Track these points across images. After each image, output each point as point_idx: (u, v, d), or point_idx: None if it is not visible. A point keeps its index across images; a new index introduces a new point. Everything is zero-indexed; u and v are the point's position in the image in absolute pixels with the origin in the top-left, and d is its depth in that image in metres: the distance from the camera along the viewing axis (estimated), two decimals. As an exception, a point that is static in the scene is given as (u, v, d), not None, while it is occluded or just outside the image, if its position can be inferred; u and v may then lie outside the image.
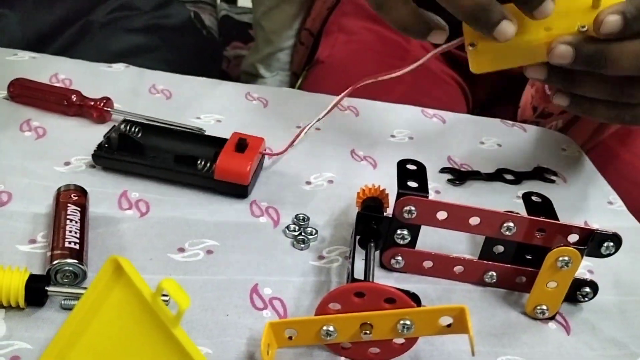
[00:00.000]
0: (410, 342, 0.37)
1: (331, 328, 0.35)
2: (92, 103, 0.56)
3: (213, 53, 1.01)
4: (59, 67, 0.63)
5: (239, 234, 0.46)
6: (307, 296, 0.42)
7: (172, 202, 0.48)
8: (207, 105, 0.62)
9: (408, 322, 0.34)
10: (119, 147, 0.51)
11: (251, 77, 1.00)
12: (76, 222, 0.43)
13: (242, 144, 0.50)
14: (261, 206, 0.49)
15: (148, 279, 0.30)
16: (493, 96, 0.84)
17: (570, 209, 0.55)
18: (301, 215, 0.48)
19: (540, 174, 0.60)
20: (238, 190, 0.49)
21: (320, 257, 0.45)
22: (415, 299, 0.35)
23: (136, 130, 0.52)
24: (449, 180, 0.57)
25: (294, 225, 0.47)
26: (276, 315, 0.40)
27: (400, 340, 0.36)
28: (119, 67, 0.65)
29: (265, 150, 0.52)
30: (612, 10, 0.39)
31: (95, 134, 0.55)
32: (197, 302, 0.40)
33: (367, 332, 0.35)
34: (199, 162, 0.49)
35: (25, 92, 0.58)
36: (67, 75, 0.62)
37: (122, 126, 0.52)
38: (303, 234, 0.47)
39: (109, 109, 0.56)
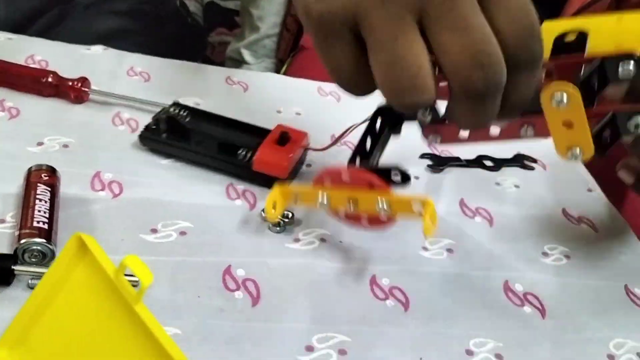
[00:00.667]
0: (392, 219, 0.41)
1: (325, 200, 0.41)
2: (70, 83, 0.55)
3: (197, 41, 1.00)
4: (36, 49, 0.62)
5: (214, 216, 0.45)
6: (281, 278, 0.41)
7: (146, 183, 0.47)
8: (186, 89, 0.60)
9: (385, 204, 0.39)
10: (166, 130, 0.50)
11: (236, 63, 0.98)
12: (46, 201, 0.42)
13: (284, 137, 0.49)
14: (238, 189, 0.48)
15: (119, 259, 0.29)
16: None
17: (549, 196, 0.55)
18: (278, 199, 0.48)
19: (520, 160, 0.59)
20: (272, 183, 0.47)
21: (296, 240, 0.45)
22: (405, 177, 0.39)
23: (185, 114, 0.51)
24: (428, 165, 0.56)
25: (270, 209, 0.47)
26: (249, 296, 0.39)
27: (384, 217, 0.41)
28: (98, 49, 0.64)
29: (308, 145, 0.51)
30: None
31: (71, 115, 0.54)
32: (169, 284, 0.39)
33: (354, 205, 0.41)
34: (239, 151, 0.49)
35: None
36: (44, 57, 0.61)
37: (172, 109, 0.51)
38: (279, 217, 0.46)
39: (87, 89, 0.55)
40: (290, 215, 0.46)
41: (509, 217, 0.51)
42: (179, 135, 0.50)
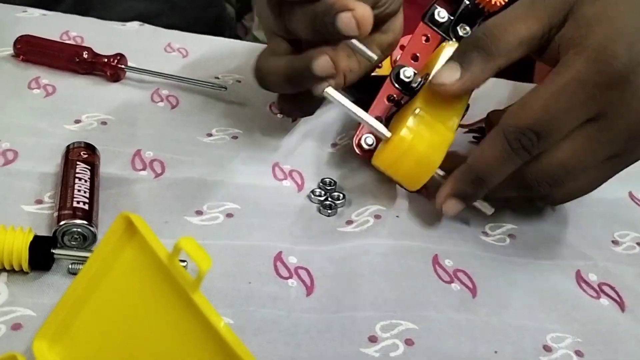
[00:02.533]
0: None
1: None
2: (105, 60, 0.52)
3: (227, 23, 0.95)
4: (71, 25, 0.58)
5: (261, 197, 0.42)
6: (336, 264, 0.37)
7: (189, 162, 0.44)
8: (226, 65, 0.57)
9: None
10: None
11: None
12: (86, 180, 0.38)
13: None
14: (284, 169, 0.45)
15: (164, 243, 0.26)
16: None
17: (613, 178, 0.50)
18: (327, 180, 0.44)
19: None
20: None
21: (349, 222, 0.41)
22: None
23: None
24: (474, 137, 0.51)
25: (319, 190, 0.43)
26: (302, 285, 0.36)
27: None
28: (133, 25, 0.61)
29: None
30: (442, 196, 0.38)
31: (109, 92, 0.50)
32: (217, 269, 0.35)
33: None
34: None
35: (33, 49, 0.53)
36: (79, 33, 0.57)
37: None
38: (330, 199, 0.42)
39: (123, 66, 0.52)
40: (340, 196, 0.42)
41: (573, 201, 0.46)
42: None
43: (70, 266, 0.34)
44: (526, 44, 0.34)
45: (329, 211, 0.41)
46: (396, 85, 0.43)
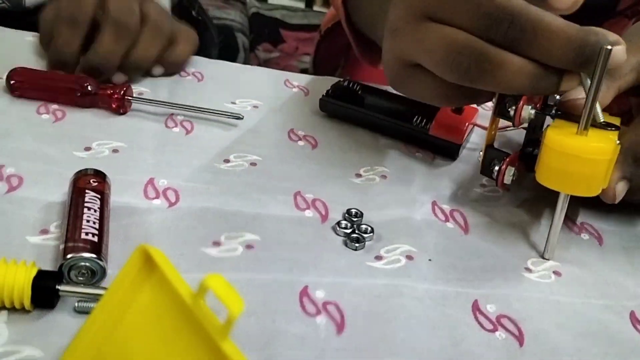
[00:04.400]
0: None
1: None
2: (110, 92, 0.47)
3: (204, 37, 0.88)
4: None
5: (283, 228, 0.38)
6: (367, 301, 0.33)
7: (204, 190, 0.40)
8: (243, 90, 0.53)
9: None
10: (342, 98, 0.51)
11: None
12: (95, 210, 0.34)
13: (459, 108, 0.48)
14: (306, 198, 0.41)
15: (183, 278, 0.22)
16: None
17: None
18: (353, 211, 0.40)
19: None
20: (450, 149, 0.48)
21: (378, 258, 0.37)
22: None
23: (357, 88, 0.52)
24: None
25: (345, 222, 0.39)
26: (332, 322, 0.31)
27: None
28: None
29: (476, 122, 0.49)
30: (614, 181, 0.37)
31: (120, 118, 0.47)
32: (237, 306, 0.31)
33: None
34: (415, 118, 0.49)
35: (28, 84, 0.47)
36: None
37: (345, 83, 0.52)
38: (357, 231, 0.38)
39: (130, 97, 0.48)
40: (369, 229, 0.38)
41: (619, 235, 0.42)
42: (355, 102, 0.51)
43: (76, 304, 0.30)
44: (636, 69, 0.37)
45: (357, 244, 0.37)
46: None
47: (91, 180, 0.37)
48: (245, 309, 0.31)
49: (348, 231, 0.38)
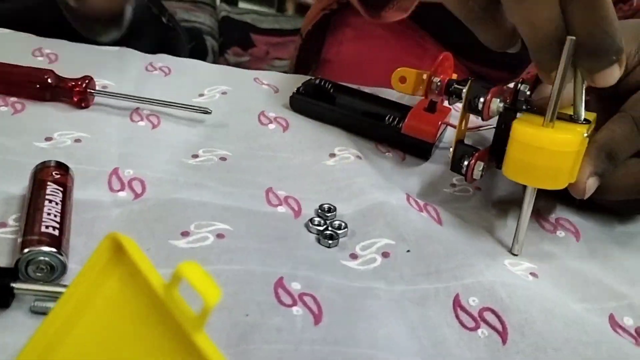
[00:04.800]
0: None
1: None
2: (71, 84, 0.45)
3: (175, 45, 0.86)
4: (44, 43, 0.53)
5: (255, 221, 0.36)
6: (344, 300, 0.32)
7: (172, 181, 0.38)
8: (212, 83, 0.52)
9: None
10: (313, 96, 0.50)
11: None
12: (57, 203, 0.32)
13: (432, 107, 0.47)
14: (279, 195, 0.39)
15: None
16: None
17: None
18: (326, 206, 0.38)
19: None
20: (423, 149, 0.46)
21: (353, 256, 0.35)
22: None
23: (329, 86, 0.51)
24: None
25: (318, 219, 0.37)
26: (310, 313, 0.30)
27: None
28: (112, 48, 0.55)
29: (449, 121, 0.48)
30: (584, 176, 0.35)
31: (78, 115, 0.44)
32: (209, 301, 0.30)
33: None
34: (387, 117, 0.47)
35: None
36: (53, 50, 0.52)
37: (317, 81, 0.51)
38: (330, 228, 0.37)
39: (92, 90, 0.45)
40: (342, 225, 0.37)
41: (597, 229, 0.41)
42: (326, 100, 0.50)
43: (34, 303, 0.28)
44: None
45: (330, 242, 0.36)
46: None
47: (53, 173, 0.35)
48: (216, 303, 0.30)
49: (321, 228, 0.37)
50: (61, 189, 0.34)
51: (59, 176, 0.35)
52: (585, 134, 0.34)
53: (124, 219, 0.35)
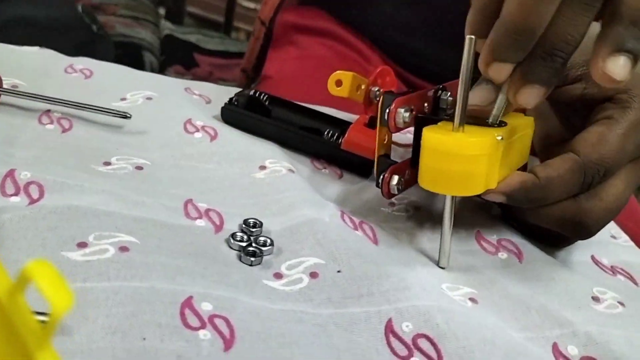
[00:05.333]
0: None
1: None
2: None
3: (105, 53, 0.82)
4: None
5: (168, 235, 0.32)
6: (262, 324, 0.27)
7: (76, 187, 0.33)
8: (136, 86, 0.47)
9: None
10: (247, 108, 0.46)
11: None
12: None
13: (373, 122, 0.43)
14: (199, 207, 0.35)
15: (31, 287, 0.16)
16: None
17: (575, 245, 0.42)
18: (251, 221, 0.34)
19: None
20: (363, 166, 0.42)
21: (278, 276, 0.31)
22: None
23: (264, 98, 0.47)
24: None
25: (241, 234, 0.33)
26: (219, 337, 0.26)
27: None
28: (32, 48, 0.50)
29: (392, 138, 0.44)
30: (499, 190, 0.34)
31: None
32: (100, 322, 0.25)
33: None
34: (326, 132, 0.44)
35: None
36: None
37: (251, 92, 0.47)
38: (254, 244, 0.33)
39: None
40: (268, 241, 0.33)
41: (540, 248, 0.38)
42: (261, 112, 0.46)
43: None
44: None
45: (252, 259, 0.32)
46: None
47: None
48: (109, 325, 0.25)
49: (244, 244, 0.33)
50: (-62, 189, 0.29)
51: (-63, 175, 0.30)
52: (499, 137, 0.32)
53: (14, 226, 0.30)
